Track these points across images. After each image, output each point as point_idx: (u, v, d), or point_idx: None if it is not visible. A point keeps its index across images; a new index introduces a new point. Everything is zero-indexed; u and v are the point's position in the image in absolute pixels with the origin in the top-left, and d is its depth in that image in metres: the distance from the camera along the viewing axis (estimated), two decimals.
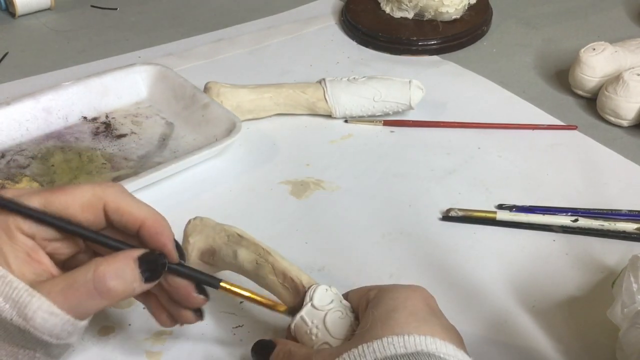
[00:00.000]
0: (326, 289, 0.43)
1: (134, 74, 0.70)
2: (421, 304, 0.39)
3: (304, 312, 0.42)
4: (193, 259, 0.48)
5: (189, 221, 0.49)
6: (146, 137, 0.66)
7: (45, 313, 0.35)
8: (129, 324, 0.49)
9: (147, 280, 0.38)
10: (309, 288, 0.43)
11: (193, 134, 0.66)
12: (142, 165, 0.63)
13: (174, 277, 0.40)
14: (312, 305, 0.42)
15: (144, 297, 0.43)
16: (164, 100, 0.70)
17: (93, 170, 0.62)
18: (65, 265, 0.40)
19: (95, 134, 0.66)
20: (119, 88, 0.69)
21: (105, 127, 0.67)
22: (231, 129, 0.62)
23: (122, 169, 0.62)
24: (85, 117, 0.68)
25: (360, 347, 0.36)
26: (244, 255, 0.45)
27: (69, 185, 0.40)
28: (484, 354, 0.47)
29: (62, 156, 0.63)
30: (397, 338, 0.36)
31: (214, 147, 0.61)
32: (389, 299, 0.39)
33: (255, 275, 0.45)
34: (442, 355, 0.35)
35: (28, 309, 0.34)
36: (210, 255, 0.47)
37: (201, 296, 0.41)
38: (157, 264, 0.38)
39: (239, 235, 0.46)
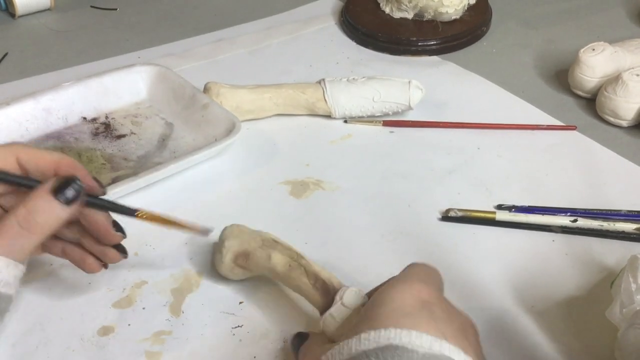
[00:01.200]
0: (355, 292, 0.44)
1: (134, 74, 0.70)
2: (411, 298, 0.38)
3: (333, 310, 0.43)
4: (227, 262, 0.50)
5: (225, 227, 0.51)
6: (146, 137, 0.66)
7: None
8: (129, 324, 0.49)
9: (67, 203, 0.41)
10: (339, 289, 0.45)
11: (193, 134, 0.66)
12: (142, 165, 0.63)
13: (92, 211, 0.43)
14: (342, 304, 0.43)
15: (67, 249, 0.46)
16: (164, 101, 0.70)
17: (92, 171, 0.62)
18: None
19: (95, 134, 0.66)
20: (118, 88, 0.69)
21: (105, 128, 0.67)
22: (231, 129, 0.63)
23: (121, 169, 0.62)
24: (85, 118, 0.68)
25: (341, 343, 0.36)
26: (278, 258, 0.48)
27: None
28: (484, 354, 0.47)
29: None
30: (373, 333, 0.36)
31: (213, 147, 0.61)
32: (379, 294, 0.39)
33: (287, 277, 0.47)
34: (412, 347, 0.34)
35: None
36: (244, 257, 0.49)
37: (119, 233, 0.45)
38: (72, 186, 0.41)
39: (273, 240, 0.49)
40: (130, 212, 0.45)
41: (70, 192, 0.41)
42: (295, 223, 0.58)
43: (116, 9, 0.93)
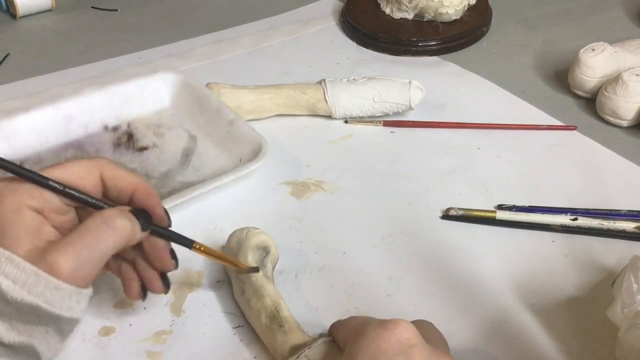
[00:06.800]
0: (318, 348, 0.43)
1: (157, 81, 0.68)
2: (386, 344, 0.37)
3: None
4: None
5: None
6: (169, 151, 0.64)
7: (52, 289, 0.37)
8: (130, 324, 0.49)
9: (142, 228, 0.42)
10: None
11: (216, 151, 0.63)
12: (164, 184, 0.60)
13: (155, 237, 0.44)
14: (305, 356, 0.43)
15: (123, 267, 0.46)
16: (188, 111, 0.67)
17: None
18: None
19: (117, 145, 0.64)
20: (141, 95, 0.67)
21: (127, 138, 0.65)
22: (257, 151, 0.60)
23: None
24: (106, 126, 0.65)
25: None
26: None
27: (65, 161, 0.43)
28: (484, 353, 0.47)
29: None
30: None
31: (239, 172, 0.58)
32: (354, 344, 0.38)
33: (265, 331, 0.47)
34: None
35: (37, 286, 0.36)
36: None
37: (173, 261, 0.45)
38: (146, 215, 0.43)
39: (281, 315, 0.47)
40: (187, 243, 0.46)
41: (145, 220, 0.42)
42: (296, 224, 0.58)
43: (117, 10, 0.93)
